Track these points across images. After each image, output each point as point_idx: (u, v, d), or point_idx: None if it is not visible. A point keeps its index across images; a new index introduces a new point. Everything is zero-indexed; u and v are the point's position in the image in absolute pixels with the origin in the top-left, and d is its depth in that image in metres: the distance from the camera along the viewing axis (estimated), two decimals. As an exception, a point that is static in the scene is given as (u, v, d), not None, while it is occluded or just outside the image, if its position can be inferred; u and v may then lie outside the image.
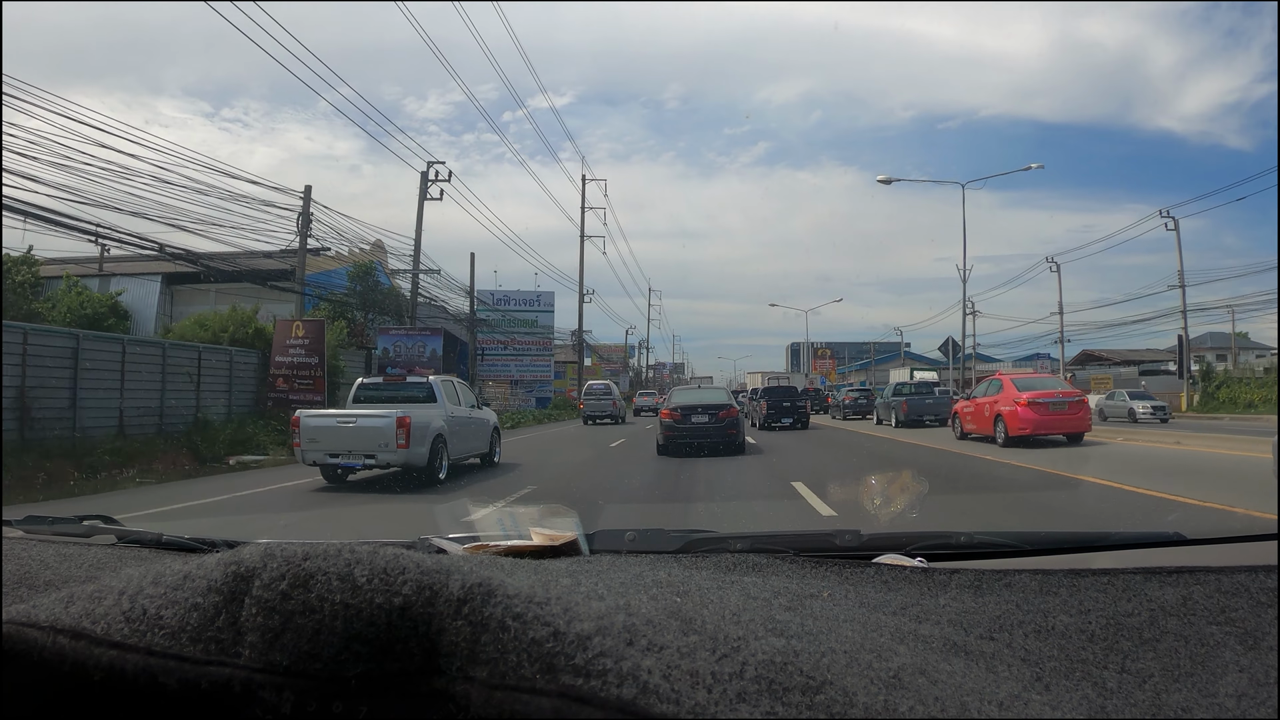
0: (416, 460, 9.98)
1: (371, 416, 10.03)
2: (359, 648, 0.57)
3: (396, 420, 9.75)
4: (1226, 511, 6.69)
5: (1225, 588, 0.80)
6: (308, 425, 10.10)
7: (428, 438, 10.15)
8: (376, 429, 9.80)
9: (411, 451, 9.83)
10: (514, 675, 0.54)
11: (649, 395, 46.92)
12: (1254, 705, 0.59)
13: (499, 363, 44.45)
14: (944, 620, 0.77)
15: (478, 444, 12.23)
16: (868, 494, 2.48)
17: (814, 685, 0.53)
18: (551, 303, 46.60)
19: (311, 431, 10.04)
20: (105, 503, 8.66)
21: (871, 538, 1.24)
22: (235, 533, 3.80)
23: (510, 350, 44.70)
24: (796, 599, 0.79)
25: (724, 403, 15.09)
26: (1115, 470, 10.14)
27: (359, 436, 9.88)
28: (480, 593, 0.58)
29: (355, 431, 9.91)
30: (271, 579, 0.61)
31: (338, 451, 9.93)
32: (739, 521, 7.02)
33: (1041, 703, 0.58)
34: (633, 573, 0.84)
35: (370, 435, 9.81)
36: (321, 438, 10.00)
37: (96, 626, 0.63)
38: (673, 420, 14.45)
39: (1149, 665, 0.67)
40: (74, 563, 1.00)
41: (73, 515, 1.43)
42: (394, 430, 9.69)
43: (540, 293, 46.48)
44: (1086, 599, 0.81)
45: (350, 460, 9.95)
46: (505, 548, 1.06)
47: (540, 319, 45.92)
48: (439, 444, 10.39)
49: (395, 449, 9.72)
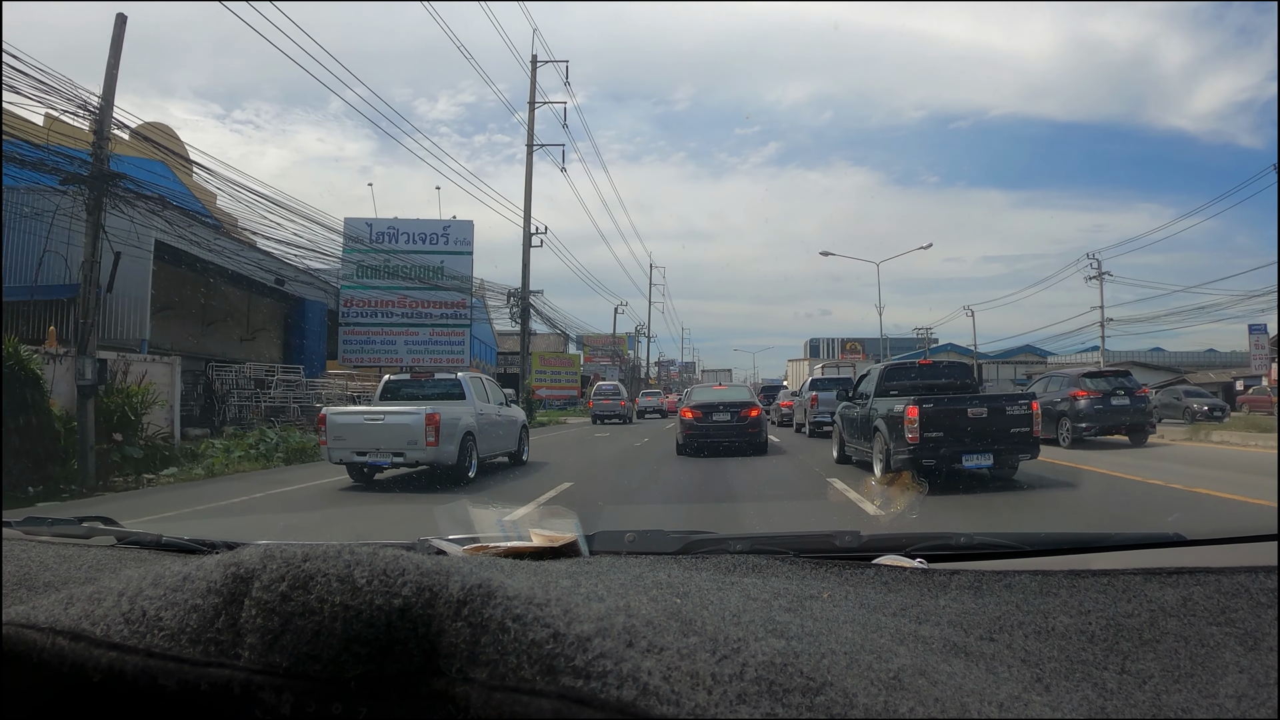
0: (445, 458, 9.78)
1: (400, 414, 9.78)
2: (359, 649, 0.57)
3: (426, 417, 9.53)
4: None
5: (1225, 588, 0.80)
6: (334, 423, 9.94)
7: (457, 435, 9.95)
8: (405, 426, 9.57)
9: (441, 449, 9.64)
10: (514, 677, 0.54)
11: (653, 395, 41.70)
12: (1254, 706, 0.59)
13: (376, 337, 28.97)
14: (944, 621, 0.77)
15: (506, 442, 12.04)
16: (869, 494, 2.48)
17: (814, 686, 0.53)
18: (469, 239, 29.24)
19: (338, 429, 9.87)
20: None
21: (871, 539, 1.24)
22: (235, 534, 3.79)
23: (397, 317, 29.06)
24: (796, 600, 0.79)
25: (746, 400, 14.73)
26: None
27: (387, 434, 9.67)
28: (480, 594, 0.58)
29: (383, 429, 9.71)
30: (271, 580, 0.61)
31: (365, 449, 9.73)
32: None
33: (1041, 704, 0.58)
34: (632, 574, 0.84)
35: (399, 433, 9.60)
36: (348, 435, 9.82)
37: (96, 628, 0.63)
38: (693, 419, 14.06)
39: (1149, 666, 0.67)
40: (73, 564, 1.00)
41: (72, 517, 1.43)
42: (423, 427, 9.48)
43: (450, 223, 29.54)
44: (1086, 600, 0.81)
45: (378, 458, 9.75)
46: (505, 549, 1.06)
47: (451, 265, 28.76)
48: (468, 442, 10.20)
49: (424, 447, 9.53)
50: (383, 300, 28.88)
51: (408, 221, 29.45)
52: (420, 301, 28.89)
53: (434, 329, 29.26)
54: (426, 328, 29.23)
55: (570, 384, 48.19)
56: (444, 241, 29.14)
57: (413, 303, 28.84)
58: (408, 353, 28.66)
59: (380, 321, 29.10)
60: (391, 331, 29.04)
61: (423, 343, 29.14)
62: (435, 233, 29.32)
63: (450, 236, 29.33)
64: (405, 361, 27.60)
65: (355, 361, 28.67)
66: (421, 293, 28.49)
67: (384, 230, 28.80)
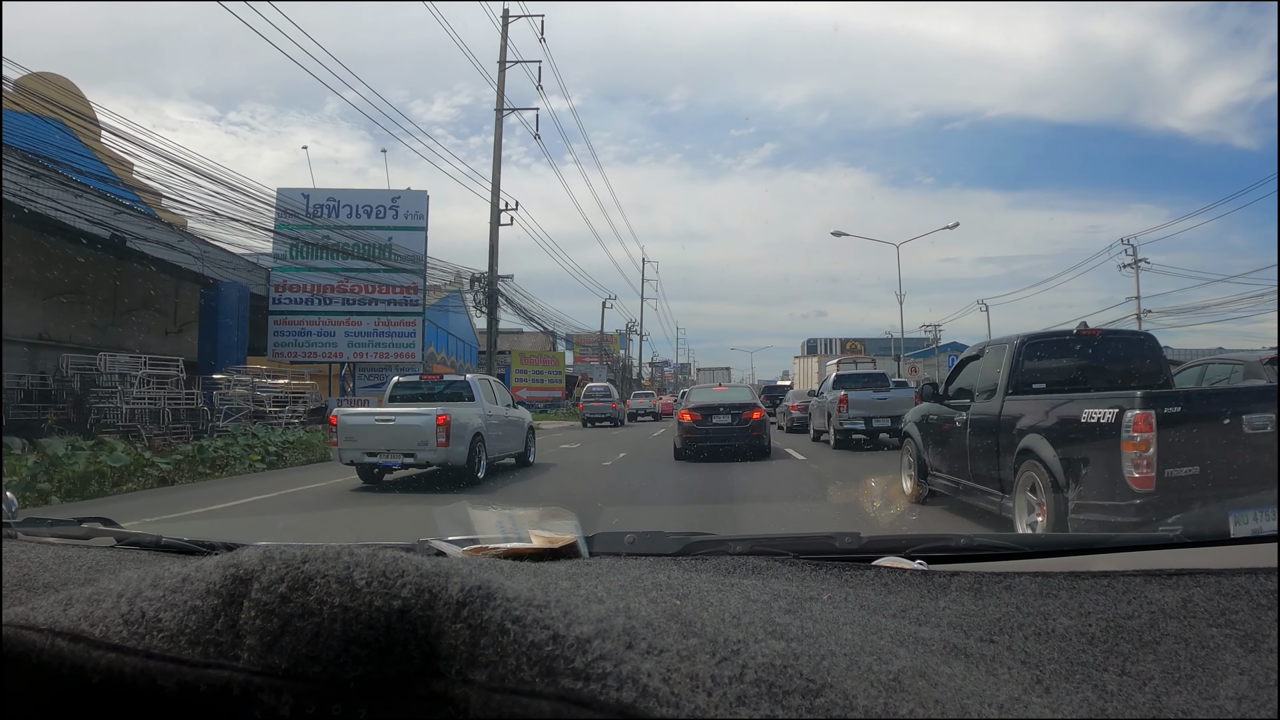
0: (456, 459, 9.91)
1: (411, 415, 9.96)
2: (358, 650, 0.57)
3: (436, 418, 9.69)
4: None
5: (1225, 590, 0.79)
6: (345, 424, 10.08)
7: (467, 437, 10.08)
8: (416, 427, 9.73)
9: (451, 450, 9.78)
10: (513, 678, 0.54)
11: (645, 396, 39.81)
12: (1254, 708, 0.59)
13: (312, 328, 24.32)
14: (944, 623, 0.76)
15: (514, 444, 12.15)
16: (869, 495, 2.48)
17: (814, 688, 0.53)
18: (423, 211, 24.79)
19: (349, 430, 10.00)
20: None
21: (871, 540, 1.24)
22: (234, 535, 3.78)
23: (336, 304, 24.26)
24: (796, 601, 0.79)
25: (748, 402, 13.82)
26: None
27: (398, 435, 9.81)
28: (479, 595, 0.58)
29: (394, 430, 9.85)
30: (270, 582, 0.61)
31: (376, 450, 9.88)
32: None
33: (1041, 705, 0.58)
34: (632, 575, 0.84)
35: (409, 434, 9.75)
36: (359, 437, 9.96)
37: (95, 629, 0.63)
38: (692, 421, 13.23)
39: (1149, 668, 0.66)
40: (73, 565, 1.00)
41: (72, 518, 1.43)
42: (434, 429, 9.63)
43: (400, 194, 25.13)
44: (1086, 601, 0.81)
45: (388, 459, 9.90)
46: (504, 550, 1.06)
47: (400, 242, 24.36)
48: (478, 443, 10.34)
49: (435, 448, 9.67)
50: (320, 285, 24.18)
51: (351, 192, 25.17)
52: (365, 285, 24.35)
53: (380, 318, 24.62)
54: (371, 316, 24.56)
55: (554, 384, 44.08)
56: (393, 215, 24.57)
57: (356, 286, 24.26)
58: (349, 346, 24.52)
59: (317, 309, 24.42)
60: (330, 321, 24.43)
61: (366, 334, 24.60)
62: (383, 205, 24.73)
63: (401, 209, 24.65)
64: (346, 356, 24.61)
65: (288, 356, 24.28)
66: (367, 275, 24.21)
67: (323, 203, 24.41)
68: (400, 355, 24.49)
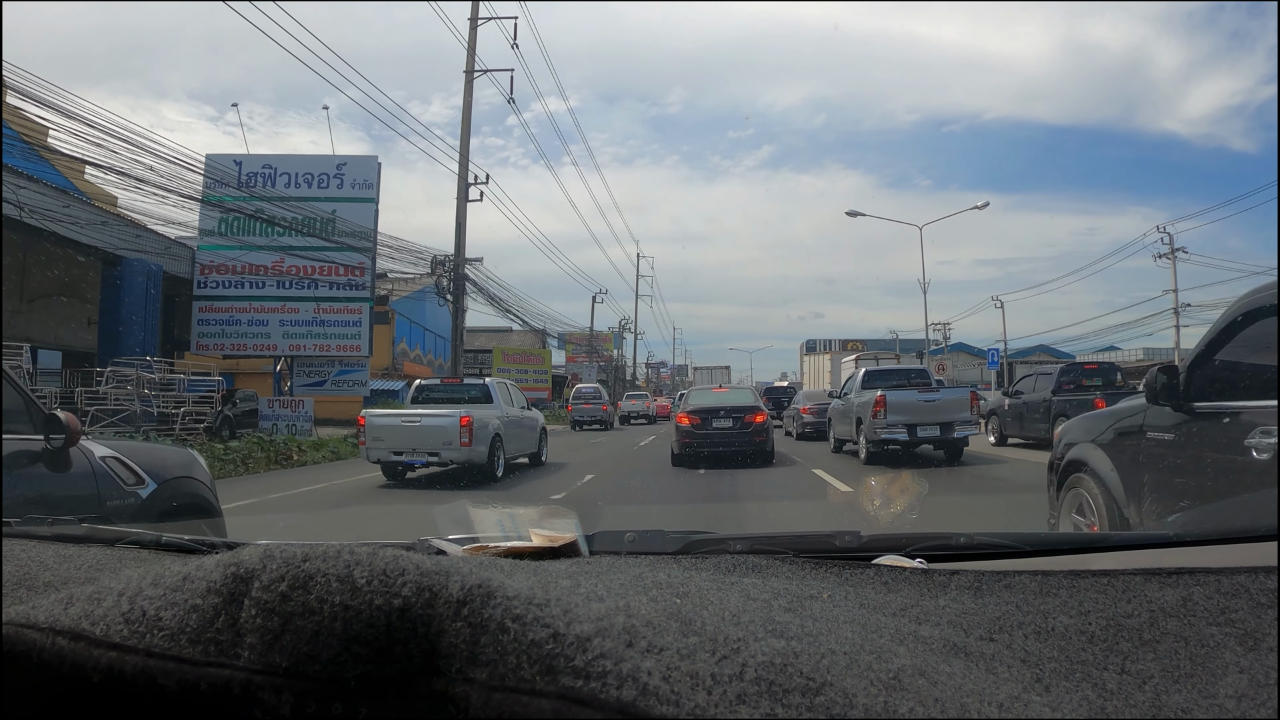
0: (477, 458, 10.55)
1: (435, 416, 10.59)
2: (358, 649, 0.57)
3: (460, 419, 10.29)
4: None
5: (1225, 589, 0.79)
6: (373, 424, 10.71)
7: (487, 437, 10.74)
8: (440, 428, 10.32)
9: (473, 450, 10.39)
10: (513, 677, 0.54)
11: (639, 397, 37.04)
12: (1254, 706, 0.59)
13: (242, 315, 20.85)
14: (944, 621, 0.77)
15: (528, 444, 12.85)
16: (869, 495, 2.48)
17: (814, 687, 0.53)
18: (372, 180, 21.23)
19: (377, 430, 10.61)
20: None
21: (871, 539, 1.24)
22: (235, 534, 3.80)
23: (270, 288, 20.80)
24: (796, 600, 0.79)
25: (750, 404, 12.99)
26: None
27: (423, 435, 10.40)
28: (480, 594, 0.58)
29: (419, 430, 10.44)
30: (271, 580, 0.61)
31: (402, 450, 10.48)
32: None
33: (1041, 704, 0.58)
34: (632, 574, 0.84)
35: (434, 434, 10.33)
36: (386, 436, 10.56)
37: (95, 628, 0.63)
38: (691, 425, 12.38)
39: (1149, 666, 0.67)
40: (73, 564, 1.00)
41: (72, 517, 1.43)
42: (457, 429, 10.23)
43: (346, 160, 21.77)
44: (1086, 600, 0.81)
45: (413, 458, 10.50)
46: (505, 549, 1.06)
47: (347, 215, 20.73)
48: (497, 443, 10.99)
49: (459, 447, 10.29)
50: (253, 266, 20.53)
51: (290, 158, 21.73)
52: (303, 267, 20.61)
53: (321, 304, 20.83)
54: (310, 303, 20.78)
55: (540, 384, 40.42)
56: (338, 185, 20.87)
57: (292, 268, 20.57)
58: (284, 338, 20.85)
59: (248, 294, 20.83)
60: (262, 308, 20.79)
61: (305, 324, 20.85)
62: (326, 172, 20.99)
63: (346, 178, 20.97)
64: (281, 349, 20.94)
65: (215, 349, 21.04)
66: (306, 254, 20.27)
67: (257, 171, 20.86)
68: (344, 348, 21.06)
